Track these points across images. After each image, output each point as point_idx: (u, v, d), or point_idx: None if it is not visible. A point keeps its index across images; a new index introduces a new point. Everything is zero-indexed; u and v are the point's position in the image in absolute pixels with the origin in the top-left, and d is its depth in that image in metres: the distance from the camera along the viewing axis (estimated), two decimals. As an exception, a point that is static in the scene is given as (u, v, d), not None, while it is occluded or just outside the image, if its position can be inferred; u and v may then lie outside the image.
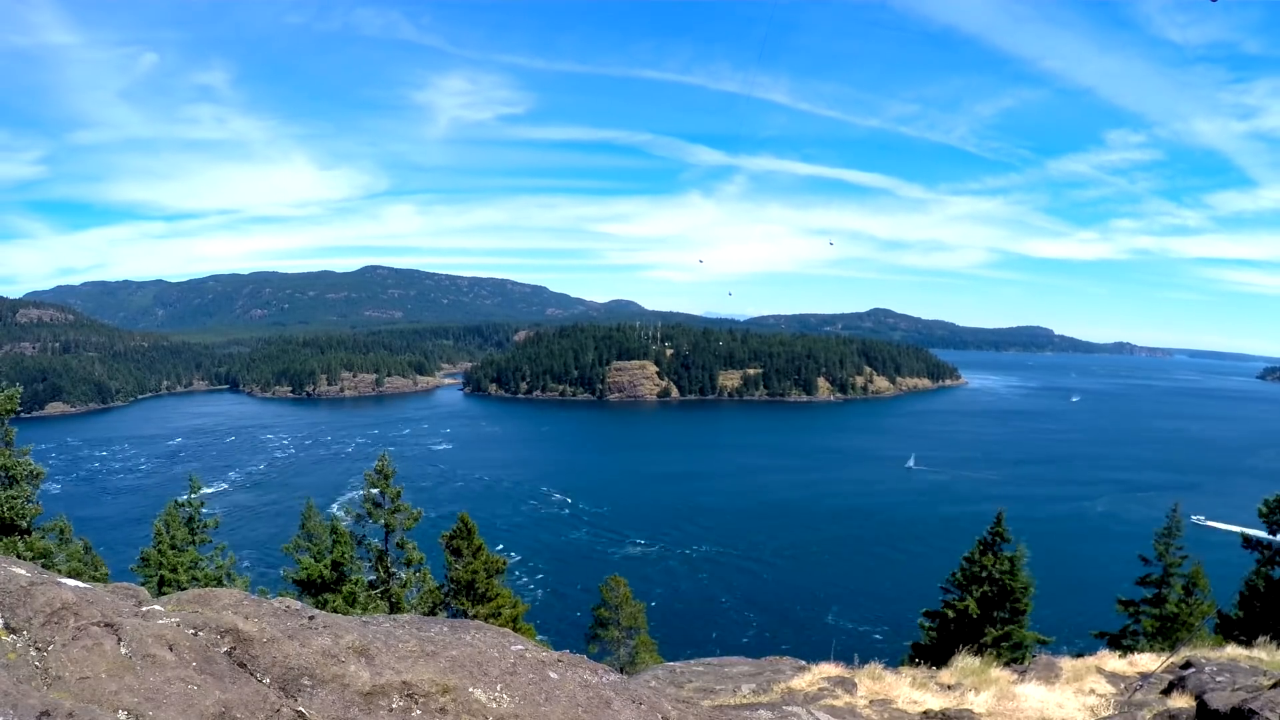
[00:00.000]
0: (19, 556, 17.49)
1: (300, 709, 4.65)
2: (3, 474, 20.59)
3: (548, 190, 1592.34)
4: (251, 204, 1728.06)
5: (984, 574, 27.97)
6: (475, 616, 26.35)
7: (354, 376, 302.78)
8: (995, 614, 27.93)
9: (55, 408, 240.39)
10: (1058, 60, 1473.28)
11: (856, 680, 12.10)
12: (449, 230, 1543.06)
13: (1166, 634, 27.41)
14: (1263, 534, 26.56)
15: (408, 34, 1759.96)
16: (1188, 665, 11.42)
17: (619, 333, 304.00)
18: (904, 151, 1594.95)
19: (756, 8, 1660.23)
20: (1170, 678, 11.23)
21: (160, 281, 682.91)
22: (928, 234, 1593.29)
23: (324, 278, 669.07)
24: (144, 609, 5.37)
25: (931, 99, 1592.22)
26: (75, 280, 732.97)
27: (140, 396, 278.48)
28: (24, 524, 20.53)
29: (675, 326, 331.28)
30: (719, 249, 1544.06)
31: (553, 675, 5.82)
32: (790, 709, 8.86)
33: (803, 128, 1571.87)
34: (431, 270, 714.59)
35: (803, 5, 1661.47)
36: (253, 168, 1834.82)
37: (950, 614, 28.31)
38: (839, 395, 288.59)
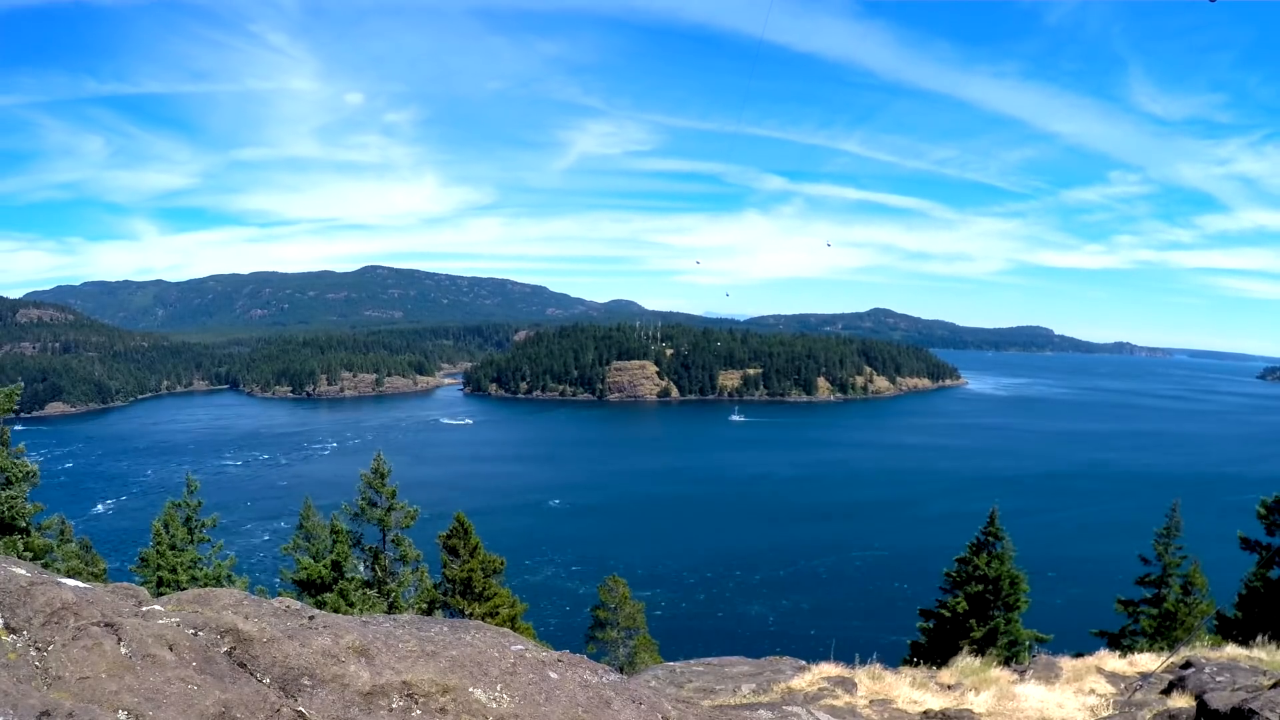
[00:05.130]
0: (14, 556, 17.48)
1: (300, 709, 4.65)
2: None
3: (623, 208, 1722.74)
4: (349, 214, 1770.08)
5: (977, 573, 28.03)
6: (472, 616, 26.35)
7: (354, 376, 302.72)
8: (989, 611, 27.99)
9: (55, 408, 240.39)
10: (1070, 126, 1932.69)
11: (856, 680, 12.10)
12: (525, 239, 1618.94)
13: (1166, 633, 27.42)
14: None
15: (575, 96, 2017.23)
16: (1188, 665, 11.42)
17: (619, 333, 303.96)
18: (940, 184, 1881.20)
19: (847, 89, 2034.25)
20: (1170, 678, 11.24)
21: (160, 282, 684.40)
22: (953, 247, 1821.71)
23: (324, 278, 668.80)
24: (144, 609, 5.36)
25: (968, 148, 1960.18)
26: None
27: (140, 396, 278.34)
28: (22, 524, 20.49)
29: (675, 326, 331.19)
30: (757, 257, 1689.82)
31: (553, 675, 5.82)
32: (790, 709, 8.86)
33: (860, 166, 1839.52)
34: (434, 270, 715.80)
35: (891, 99, 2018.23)
36: (380, 184, 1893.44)
37: (946, 614, 28.40)
38: (839, 395, 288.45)
